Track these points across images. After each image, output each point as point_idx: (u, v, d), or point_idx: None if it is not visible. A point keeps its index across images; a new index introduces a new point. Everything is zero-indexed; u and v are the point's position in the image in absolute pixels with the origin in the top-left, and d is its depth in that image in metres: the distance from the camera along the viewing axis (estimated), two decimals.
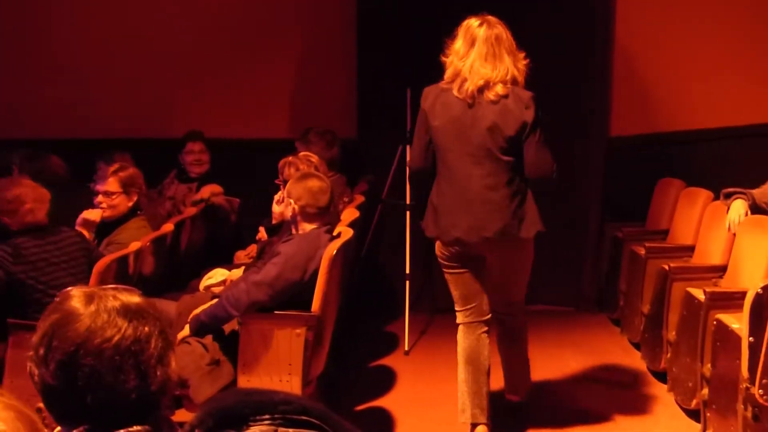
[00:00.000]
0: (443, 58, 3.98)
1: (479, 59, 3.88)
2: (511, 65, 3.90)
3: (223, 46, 6.30)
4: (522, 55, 3.98)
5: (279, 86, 6.32)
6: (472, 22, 3.97)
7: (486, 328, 4.05)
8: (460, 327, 4.06)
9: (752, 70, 6.07)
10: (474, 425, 4.00)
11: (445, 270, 4.09)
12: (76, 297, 1.62)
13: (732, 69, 6.06)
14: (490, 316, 4.07)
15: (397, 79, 5.75)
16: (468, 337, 4.03)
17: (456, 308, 4.10)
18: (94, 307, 1.60)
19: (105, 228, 4.55)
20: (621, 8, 6.06)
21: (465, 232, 3.91)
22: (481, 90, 3.87)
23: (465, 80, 3.88)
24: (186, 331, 3.83)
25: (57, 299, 1.66)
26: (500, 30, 3.94)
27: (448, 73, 3.94)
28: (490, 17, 3.98)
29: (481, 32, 3.90)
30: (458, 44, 3.94)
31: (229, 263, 4.80)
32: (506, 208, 3.91)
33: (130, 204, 4.58)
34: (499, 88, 3.87)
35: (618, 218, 5.96)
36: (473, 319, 4.03)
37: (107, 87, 6.35)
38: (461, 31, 3.96)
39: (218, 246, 5.32)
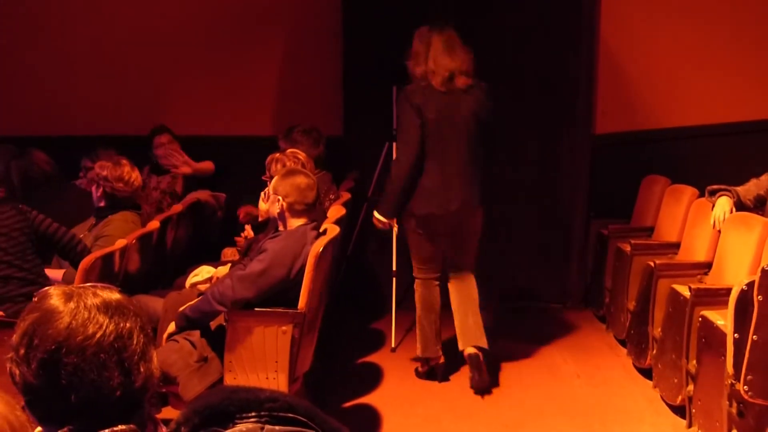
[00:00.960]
0: (408, 63, 4.68)
1: (439, 54, 4.58)
2: (466, 58, 4.60)
3: (209, 45, 6.29)
4: (470, 52, 4.67)
5: (265, 84, 6.31)
6: (424, 28, 4.69)
7: (437, 282, 4.89)
8: (418, 281, 4.89)
9: (738, 67, 6.10)
10: (435, 358, 4.89)
11: (416, 238, 4.80)
12: (55, 295, 1.60)
13: (717, 66, 6.08)
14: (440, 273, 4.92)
15: (383, 77, 5.74)
16: (425, 288, 4.88)
17: (416, 266, 4.89)
18: (73, 304, 1.58)
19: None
20: (606, 6, 6.06)
21: (460, 204, 4.66)
22: (450, 78, 4.58)
23: (434, 73, 4.58)
24: (172, 327, 3.82)
25: (35, 298, 1.64)
26: (451, 31, 4.65)
27: (419, 72, 4.62)
28: (440, 23, 4.72)
29: (435, 34, 4.63)
30: (416, 47, 4.65)
31: (215, 260, 4.78)
32: (481, 181, 4.71)
33: None
34: (465, 78, 4.60)
35: (604, 215, 5.98)
36: (430, 275, 4.86)
37: (93, 85, 6.33)
38: (416, 38, 4.68)
39: (204, 243, 5.31)
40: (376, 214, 4.78)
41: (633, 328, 5.01)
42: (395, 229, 4.87)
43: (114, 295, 1.63)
